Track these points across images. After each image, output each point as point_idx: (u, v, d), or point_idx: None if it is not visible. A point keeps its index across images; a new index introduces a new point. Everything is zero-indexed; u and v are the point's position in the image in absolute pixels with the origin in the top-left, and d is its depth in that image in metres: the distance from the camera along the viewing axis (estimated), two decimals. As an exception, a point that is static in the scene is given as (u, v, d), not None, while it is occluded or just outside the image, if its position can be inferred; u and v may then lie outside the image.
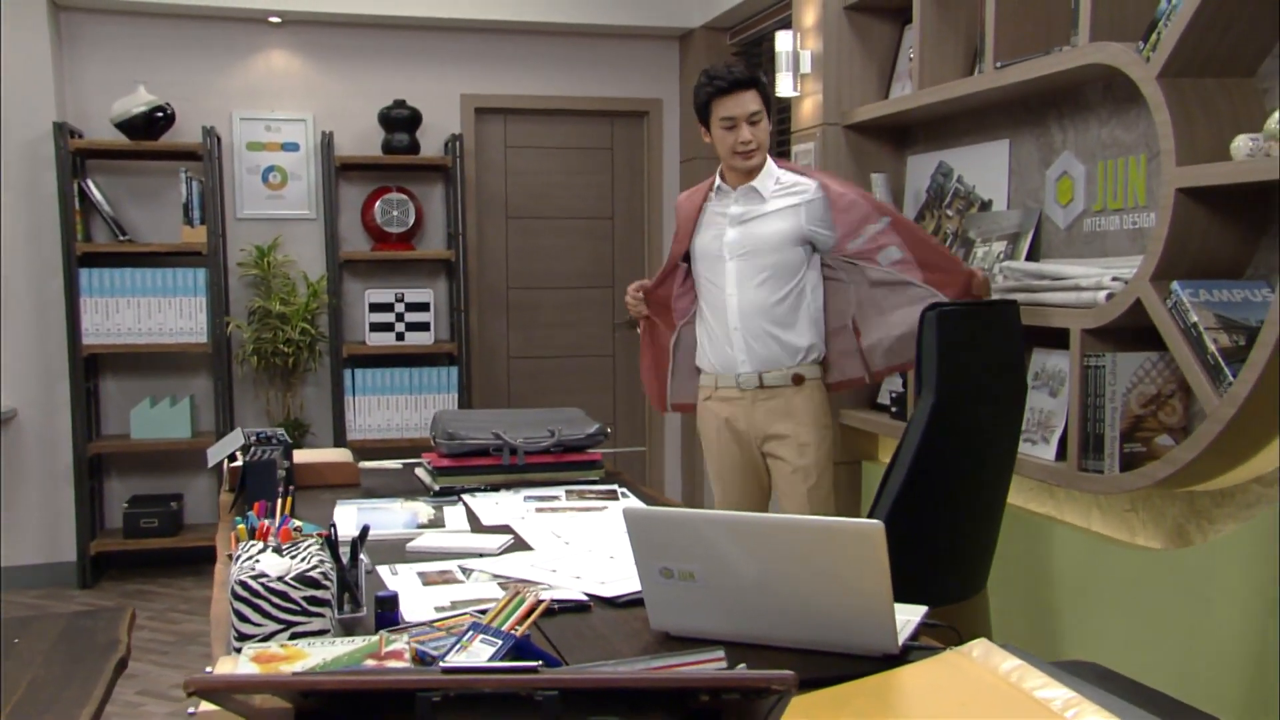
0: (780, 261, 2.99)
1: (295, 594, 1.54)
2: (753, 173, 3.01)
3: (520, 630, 1.53)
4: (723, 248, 3.03)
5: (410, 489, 2.80)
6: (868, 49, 3.89)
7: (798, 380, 3.01)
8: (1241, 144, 2.33)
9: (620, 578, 1.97)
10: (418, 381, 5.20)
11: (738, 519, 1.64)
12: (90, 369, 4.99)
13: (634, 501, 2.66)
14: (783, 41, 4.00)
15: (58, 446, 4.91)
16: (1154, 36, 2.49)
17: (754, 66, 3.01)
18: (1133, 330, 2.65)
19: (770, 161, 3.05)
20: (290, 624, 1.54)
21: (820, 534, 1.58)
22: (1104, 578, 2.82)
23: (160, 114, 4.89)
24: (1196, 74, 2.47)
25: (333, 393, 5.15)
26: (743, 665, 1.16)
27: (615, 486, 2.81)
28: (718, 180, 3.09)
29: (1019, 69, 2.93)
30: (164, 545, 4.93)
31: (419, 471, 2.95)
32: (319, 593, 1.56)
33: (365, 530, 1.82)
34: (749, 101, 2.92)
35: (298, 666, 1.36)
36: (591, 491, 2.76)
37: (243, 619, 1.52)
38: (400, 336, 5.18)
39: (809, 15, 3.99)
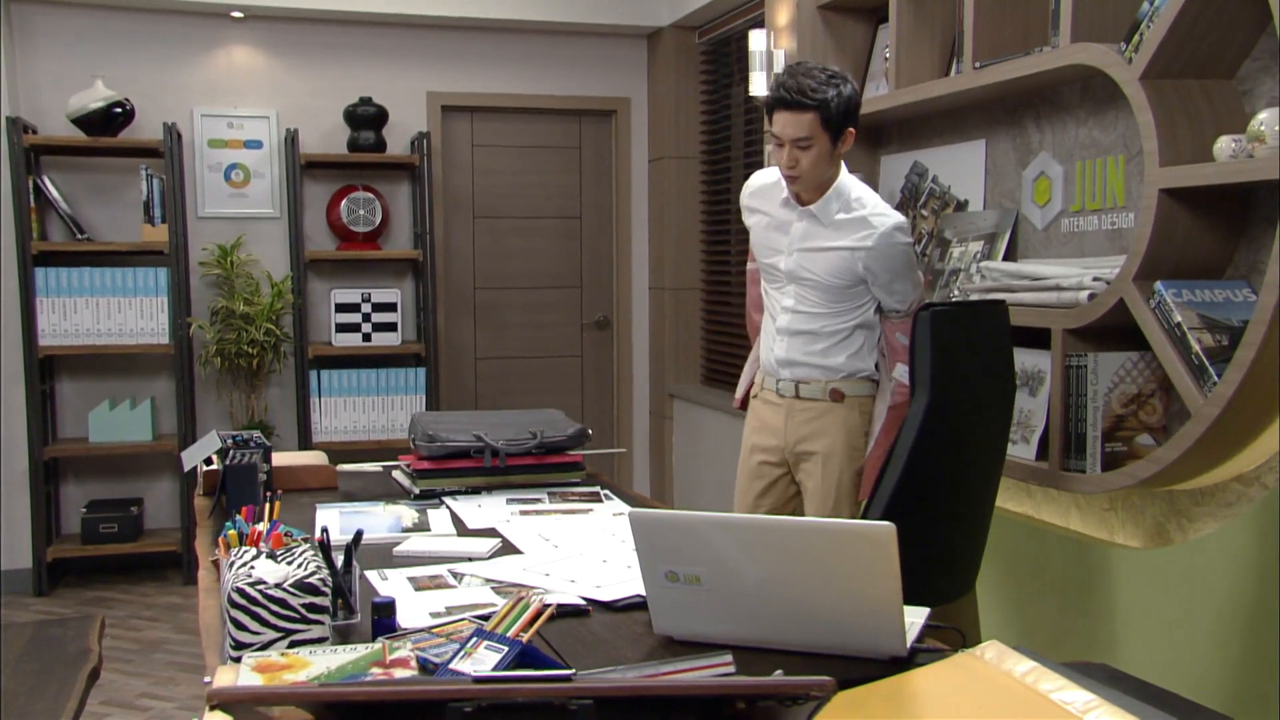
0: (837, 299, 2.77)
1: (294, 601, 1.50)
2: (808, 193, 2.77)
3: (526, 636, 1.50)
4: (781, 272, 2.84)
5: (389, 492, 2.75)
6: (842, 48, 3.88)
7: (835, 396, 2.79)
8: (1224, 145, 2.35)
9: (616, 581, 1.95)
10: (384, 383, 5.13)
11: (746, 522, 1.62)
12: (46, 371, 4.86)
13: (617, 504, 2.64)
14: (756, 41, 4.00)
15: (13, 451, 4.78)
16: (1136, 38, 2.51)
17: (829, 83, 2.64)
18: (1113, 330, 2.67)
19: (844, 181, 2.77)
20: (289, 632, 1.50)
21: (830, 536, 1.57)
22: (1083, 577, 2.84)
23: (119, 110, 4.77)
24: (1178, 75, 2.49)
25: (297, 394, 5.07)
26: (779, 671, 1.14)
27: (598, 488, 2.78)
28: (785, 186, 2.82)
29: (999, 69, 2.94)
30: (123, 551, 4.82)
31: (397, 474, 2.90)
32: (318, 599, 1.52)
33: (359, 535, 1.78)
34: (799, 125, 2.62)
35: (302, 675, 1.32)
36: (574, 494, 2.73)
37: (240, 627, 1.48)
38: (367, 337, 5.10)
39: (782, 14, 3.99)
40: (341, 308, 5.08)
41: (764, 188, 2.92)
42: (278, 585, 1.50)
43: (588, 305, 5.74)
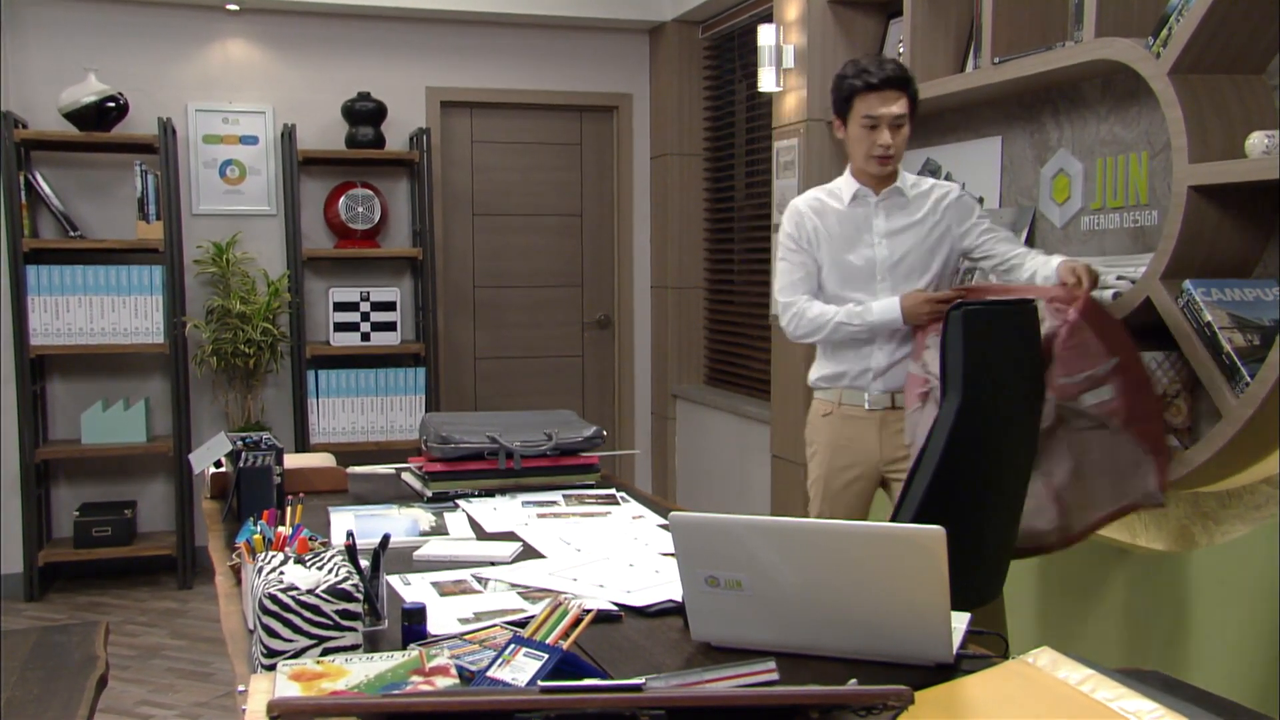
0: (933, 277, 2.85)
1: (327, 607, 1.44)
2: (889, 178, 2.85)
3: (567, 644, 1.45)
4: (874, 267, 2.84)
5: (400, 494, 2.69)
6: (852, 43, 3.85)
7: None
8: (1257, 141, 2.31)
9: (645, 586, 1.90)
10: (383, 383, 5.06)
11: (789, 526, 1.57)
12: (38, 371, 4.77)
13: (635, 506, 2.58)
14: (765, 35, 3.96)
15: (3, 452, 4.69)
16: (1164, 32, 2.47)
17: (905, 68, 2.79)
18: (1136, 329, 2.63)
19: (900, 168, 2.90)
20: (322, 639, 1.44)
21: (876, 541, 1.52)
22: (1104, 580, 2.80)
23: (112, 104, 4.69)
24: (1207, 70, 2.45)
25: (294, 395, 4.99)
26: (854, 680, 1.09)
27: (613, 491, 2.73)
28: (852, 183, 2.88)
29: (1020, 64, 2.90)
30: (117, 555, 4.74)
31: (407, 476, 2.84)
32: (351, 606, 1.46)
33: (386, 539, 1.72)
34: (897, 104, 2.73)
35: (340, 684, 1.26)
36: (590, 496, 2.68)
37: (272, 634, 1.42)
38: (366, 337, 5.03)
39: (792, 9, 3.94)
40: (340, 307, 5.01)
41: (818, 205, 2.93)
42: (310, 591, 1.44)
43: (589, 304, 5.68)
